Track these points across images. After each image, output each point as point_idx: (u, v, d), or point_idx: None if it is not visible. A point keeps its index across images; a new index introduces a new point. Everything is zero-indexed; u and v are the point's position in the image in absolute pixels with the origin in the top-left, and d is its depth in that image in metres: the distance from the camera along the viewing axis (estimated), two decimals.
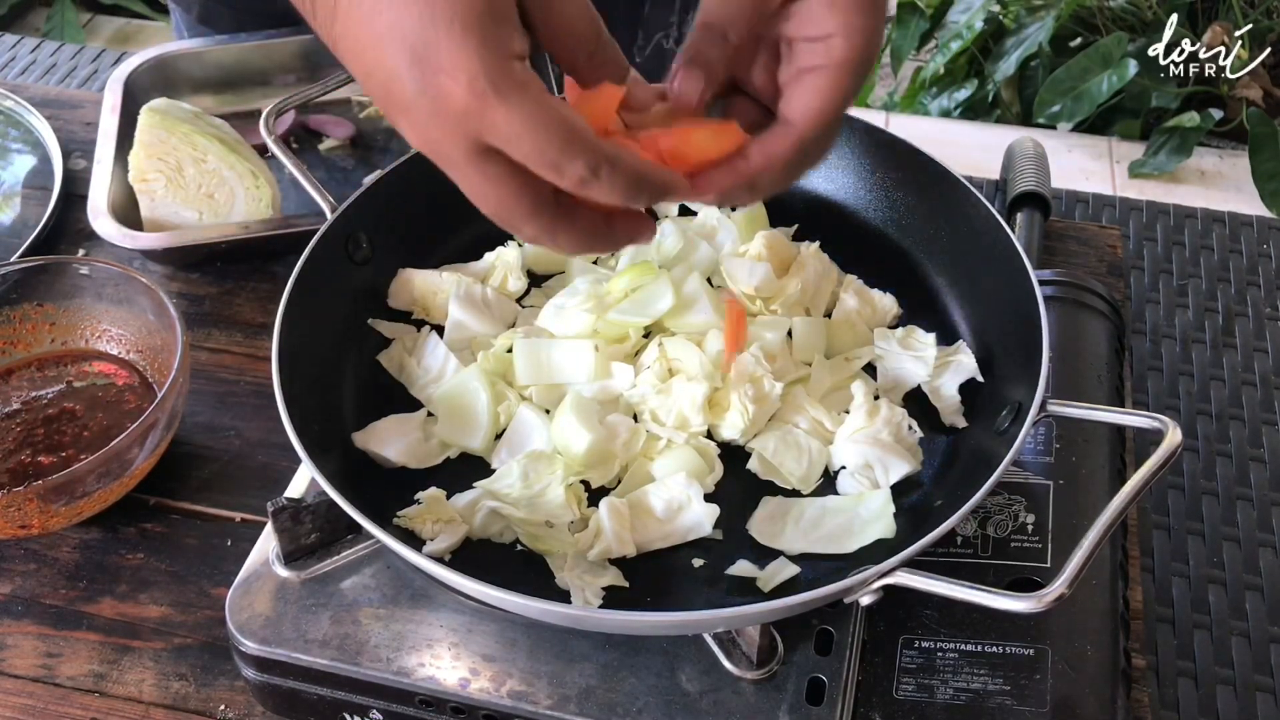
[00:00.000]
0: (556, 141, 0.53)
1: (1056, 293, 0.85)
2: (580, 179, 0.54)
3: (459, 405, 0.74)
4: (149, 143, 0.95)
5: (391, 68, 0.53)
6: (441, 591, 0.68)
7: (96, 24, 3.02)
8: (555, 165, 0.54)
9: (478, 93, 0.52)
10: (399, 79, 0.53)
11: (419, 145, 0.56)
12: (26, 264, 0.86)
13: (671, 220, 0.85)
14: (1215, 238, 1.11)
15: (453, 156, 0.55)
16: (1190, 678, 0.80)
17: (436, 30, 0.52)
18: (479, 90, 0.52)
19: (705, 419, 0.72)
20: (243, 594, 0.69)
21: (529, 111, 0.53)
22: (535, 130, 0.53)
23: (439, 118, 0.53)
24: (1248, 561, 0.87)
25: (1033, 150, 1.06)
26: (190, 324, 0.92)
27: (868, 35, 0.63)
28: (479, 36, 0.52)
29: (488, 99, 0.52)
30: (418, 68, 0.53)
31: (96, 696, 0.72)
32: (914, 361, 0.76)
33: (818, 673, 0.65)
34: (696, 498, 0.69)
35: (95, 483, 0.74)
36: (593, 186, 0.55)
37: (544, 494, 0.69)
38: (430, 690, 0.65)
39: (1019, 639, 0.67)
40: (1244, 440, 0.94)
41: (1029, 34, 2.53)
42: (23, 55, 1.40)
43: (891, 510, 0.68)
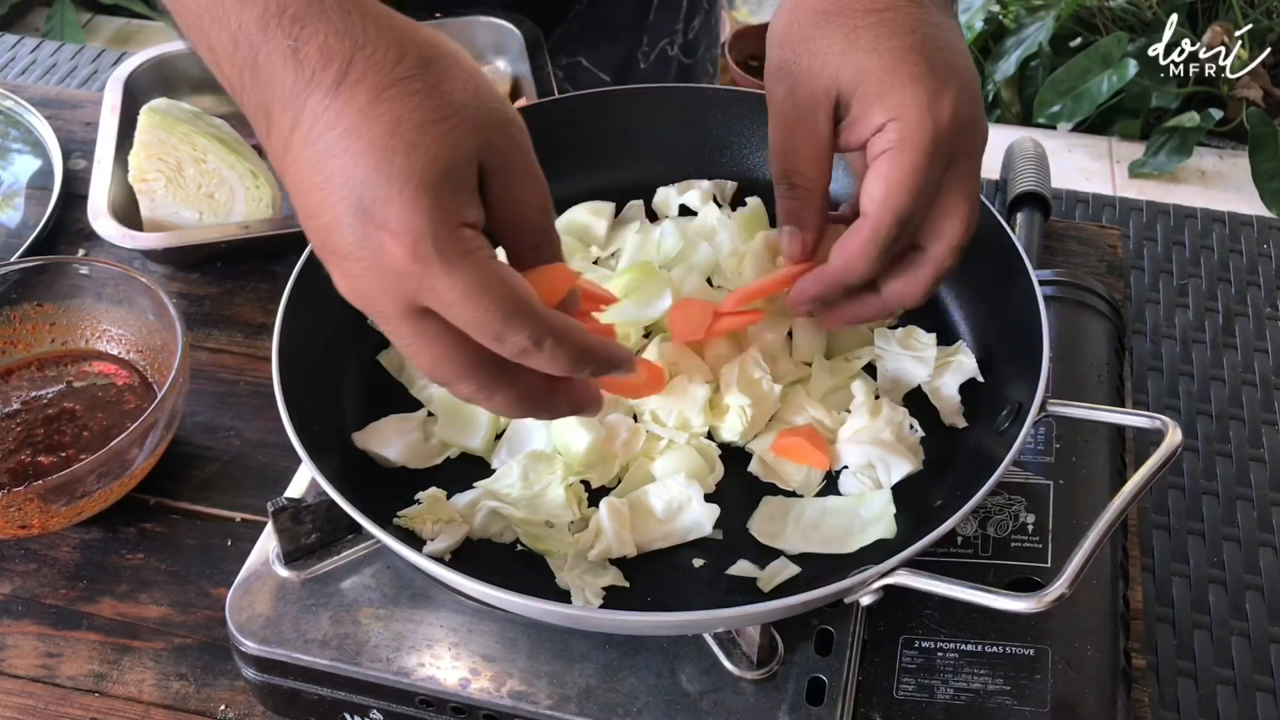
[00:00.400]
0: (500, 312, 0.51)
1: (1056, 293, 0.85)
2: (522, 349, 0.53)
3: (459, 405, 0.74)
4: (149, 143, 0.95)
5: (334, 214, 0.51)
6: (441, 591, 0.68)
7: (96, 24, 3.02)
8: (497, 335, 0.52)
9: (421, 256, 0.50)
10: (339, 227, 0.51)
11: (350, 295, 0.54)
12: (26, 264, 0.86)
13: (672, 220, 0.85)
14: (1215, 238, 1.11)
15: (386, 313, 0.53)
16: (1190, 678, 0.80)
17: (390, 187, 0.50)
18: (423, 254, 0.50)
19: (706, 420, 0.72)
20: (243, 594, 0.69)
21: (473, 280, 0.51)
22: (478, 299, 0.51)
23: (376, 274, 0.51)
24: (1248, 561, 0.87)
25: (1033, 150, 1.06)
26: (190, 324, 0.92)
27: (922, 108, 0.61)
28: (432, 200, 0.50)
29: (431, 264, 0.50)
30: (361, 220, 0.50)
31: (96, 696, 0.72)
32: (914, 361, 0.76)
33: (818, 673, 0.65)
34: (696, 498, 0.69)
35: (95, 483, 0.74)
36: (534, 358, 0.53)
37: (544, 494, 0.69)
38: (430, 690, 0.65)
39: (1019, 639, 0.67)
40: (1244, 440, 0.94)
41: (1029, 34, 2.53)
42: (23, 55, 1.40)
43: (892, 511, 0.68)
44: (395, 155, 0.50)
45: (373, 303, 0.53)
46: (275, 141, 0.53)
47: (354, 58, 0.51)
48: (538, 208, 0.56)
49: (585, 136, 0.88)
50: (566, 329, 0.54)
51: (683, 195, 0.87)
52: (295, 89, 0.51)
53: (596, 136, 0.88)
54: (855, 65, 0.63)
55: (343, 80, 0.51)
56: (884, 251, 0.64)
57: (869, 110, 0.63)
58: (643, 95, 0.89)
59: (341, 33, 0.51)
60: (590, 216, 0.85)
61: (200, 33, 0.54)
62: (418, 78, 0.51)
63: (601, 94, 0.91)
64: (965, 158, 0.64)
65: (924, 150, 0.62)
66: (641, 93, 0.89)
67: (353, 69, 0.51)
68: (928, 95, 0.61)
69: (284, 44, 0.51)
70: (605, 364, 0.57)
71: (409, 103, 0.51)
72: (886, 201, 0.63)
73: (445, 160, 0.51)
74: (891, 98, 0.62)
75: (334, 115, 0.50)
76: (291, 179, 0.53)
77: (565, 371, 0.55)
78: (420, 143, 0.50)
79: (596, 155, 0.88)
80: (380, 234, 0.50)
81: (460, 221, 0.51)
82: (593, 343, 0.56)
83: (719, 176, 0.88)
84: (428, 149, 0.50)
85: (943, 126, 0.62)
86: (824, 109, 0.65)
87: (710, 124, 0.88)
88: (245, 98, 0.54)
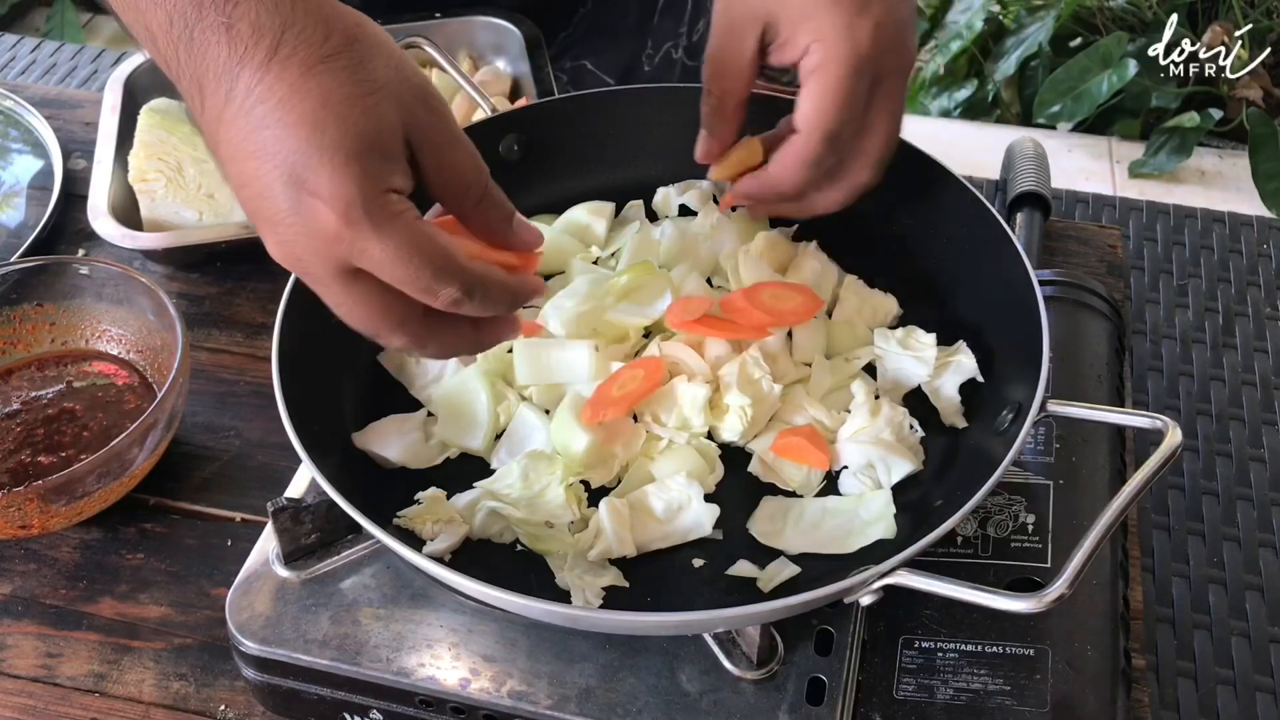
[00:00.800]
0: (429, 268, 0.55)
1: (1056, 293, 0.85)
2: (454, 300, 0.56)
3: (459, 405, 0.74)
4: (149, 143, 0.95)
5: (266, 183, 0.54)
6: (441, 591, 0.68)
7: (96, 24, 3.02)
8: (428, 290, 0.55)
9: (352, 221, 0.53)
10: (272, 195, 0.54)
11: (282, 259, 0.57)
12: (26, 264, 0.86)
13: (671, 221, 0.85)
14: (1215, 238, 1.11)
15: (318, 275, 0.56)
16: (1190, 678, 0.80)
17: (321, 156, 0.53)
18: (354, 219, 0.53)
19: (706, 420, 0.72)
20: (243, 594, 0.69)
21: (402, 240, 0.54)
22: (409, 258, 0.54)
23: (309, 239, 0.54)
24: (1248, 561, 0.87)
25: (1033, 150, 1.06)
26: (190, 324, 0.92)
27: (841, 29, 0.67)
28: (360, 167, 0.53)
29: (361, 227, 0.53)
30: (293, 188, 0.53)
31: (96, 696, 0.72)
32: (914, 361, 0.76)
33: (818, 673, 0.65)
34: (696, 498, 0.69)
35: (95, 483, 0.74)
36: (465, 306, 0.57)
37: (544, 494, 0.69)
38: (430, 690, 0.65)
39: (1019, 639, 0.67)
40: (1244, 440, 0.94)
41: (1029, 34, 2.53)
42: (23, 55, 1.40)
43: (892, 511, 0.68)
44: (326, 127, 0.53)
45: (305, 265, 0.56)
46: (209, 114, 0.56)
47: (284, 34, 0.53)
48: (470, 167, 0.60)
49: (585, 136, 0.88)
50: (489, 275, 0.58)
51: (683, 195, 0.87)
52: (229, 63, 0.54)
53: (596, 136, 0.88)
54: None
55: (274, 55, 0.53)
56: (814, 166, 0.71)
57: (795, 33, 0.69)
58: (642, 95, 0.89)
59: (272, 10, 0.54)
60: (590, 216, 0.85)
61: (136, 13, 0.57)
62: (344, 54, 0.54)
63: (601, 94, 0.91)
64: (890, 76, 0.70)
65: (845, 69, 0.68)
66: (641, 93, 0.89)
67: (283, 45, 0.53)
68: (846, 17, 0.67)
69: (217, 20, 0.53)
70: (528, 295, 0.61)
71: (337, 78, 0.54)
72: (815, 119, 0.69)
73: (372, 132, 0.54)
74: (813, 21, 0.68)
75: (265, 89, 0.53)
76: (225, 149, 0.55)
77: (495, 313, 0.59)
78: (349, 115, 0.53)
79: (596, 155, 0.88)
80: (313, 200, 0.53)
81: (387, 187, 0.54)
82: (515, 283, 0.60)
83: None
84: (355, 121, 0.53)
85: (863, 46, 0.67)
86: (752, 30, 0.71)
87: None
88: (180, 73, 0.56)
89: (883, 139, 0.72)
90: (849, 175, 0.74)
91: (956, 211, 0.79)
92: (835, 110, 0.69)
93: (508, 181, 0.61)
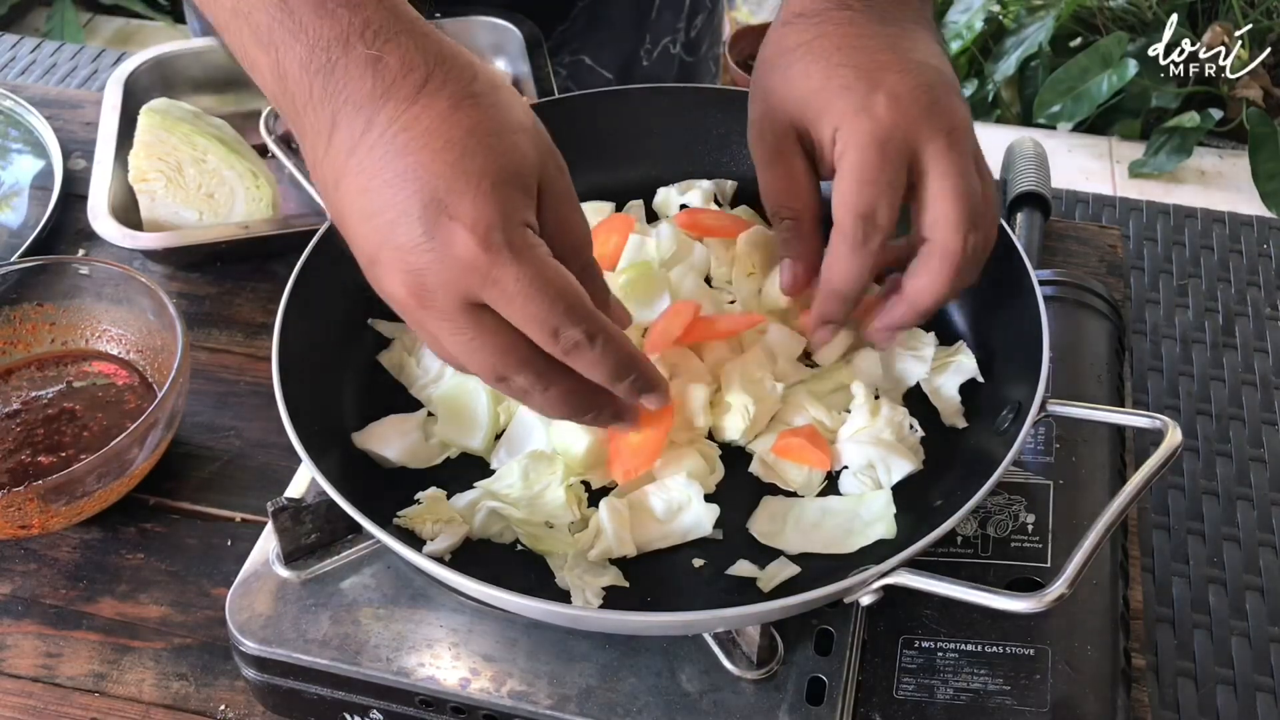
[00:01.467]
0: (561, 304, 0.54)
1: (1056, 293, 0.85)
2: (575, 344, 0.55)
3: (459, 405, 0.74)
4: (149, 143, 0.95)
5: (403, 208, 0.53)
6: (441, 591, 0.68)
7: (96, 24, 3.02)
8: (555, 329, 0.55)
9: (492, 246, 0.53)
10: (408, 220, 0.53)
11: (404, 292, 0.55)
12: (26, 264, 0.86)
13: (668, 222, 0.85)
14: (1215, 238, 1.11)
15: (444, 307, 0.55)
16: (1190, 678, 0.80)
17: (467, 180, 0.53)
18: (494, 244, 0.53)
19: (706, 420, 0.72)
20: (243, 594, 0.69)
21: (538, 273, 0.54)
22: (542, 290, 0.54)
23: (442, 265, 0.54)
24: (1248, 561, 0.87)
25: (1033, 150, 1.06)
26: (190, 324, 0.92)
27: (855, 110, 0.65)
28: (503, 195, 0.53)
29: (500, 254, 0.53)
30: (433, 211, 0.53)
31: (96, 696, 0.72)
32: (913, 361, 0.76)
33: (818, 673, 0.65)
34: (697, 498, 0.69)
35: (95, 483, 0.74)
36: (584, 354, 0.56)
37: (544, 494, 0.69)
38: (430, 690, 0.65)
39: (1019, 639, 0.67)
40: (1244, 440, 0.94)
41: (1029, 34, 2.53)
42: (23, 55, 1.40)
43: (893, 511, 0.68)
44: (475, 155, 0.53)
45: (431, 296, 0.55)
46: (338, 146, 0.55)
47: (434, 71, 0.54)
48: (584, 231, 0.60)
49: (585, 136, 0.88)
50: (617, 334, 0.57)
51: (683, 195, 0.87)
52: (373, 94, 0.54)
53: (596, 136, 0.88)
54: (797, 99, 0.68)
55: (422, 88, 0.54)
56: (856, 249, 0.66)
57: (820, 131, 0.67)
58: (642, 95, 0.89)
59: (422, 48, 0.55)
60: (590, 216, 0.85)
61: (266, 49, 0.56)
62: (490, 95, 0.55)
63: (601, 94, 0.91)
64: (932, 140, 0.65)
65: (865, 146, 0.65)
66: (641, 93, 0.89)
67: (433, 80, 0.54)
68: (858, 97, 0.65)
69: (365, 54, 0.54)
70: (645, 380, 0.60)
71: (485, 114, 0.54)
72: (843, 201, 0.66)
73: (515, 165, 0.55)
74: (830, 113, 0.66)
75: (412, 117, 0.53)
76: (354, 179, 0.55)
77: (608, 375, 0.58)
78: (496, 147, 0.54)
79: (596, 155, 0.88)
80: (452, 225, 0.53)
81: (524, 220, 0.55)
82: (637, 353, 0.59)
83: (719, 176, 0.88)
84: (503, 153, 0.54)
85: (882, 121, 0.64)
86: (790, 145, 0.69)
87: (710, 124, 0.88)
88: (310, 110, 0.56)
89: (949, 200, 0.65)
90: (937, 249, 0.66)
91: None
92: (859, 186, 0.65)
93: None
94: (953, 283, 0.67)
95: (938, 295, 0.67)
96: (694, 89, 0.93)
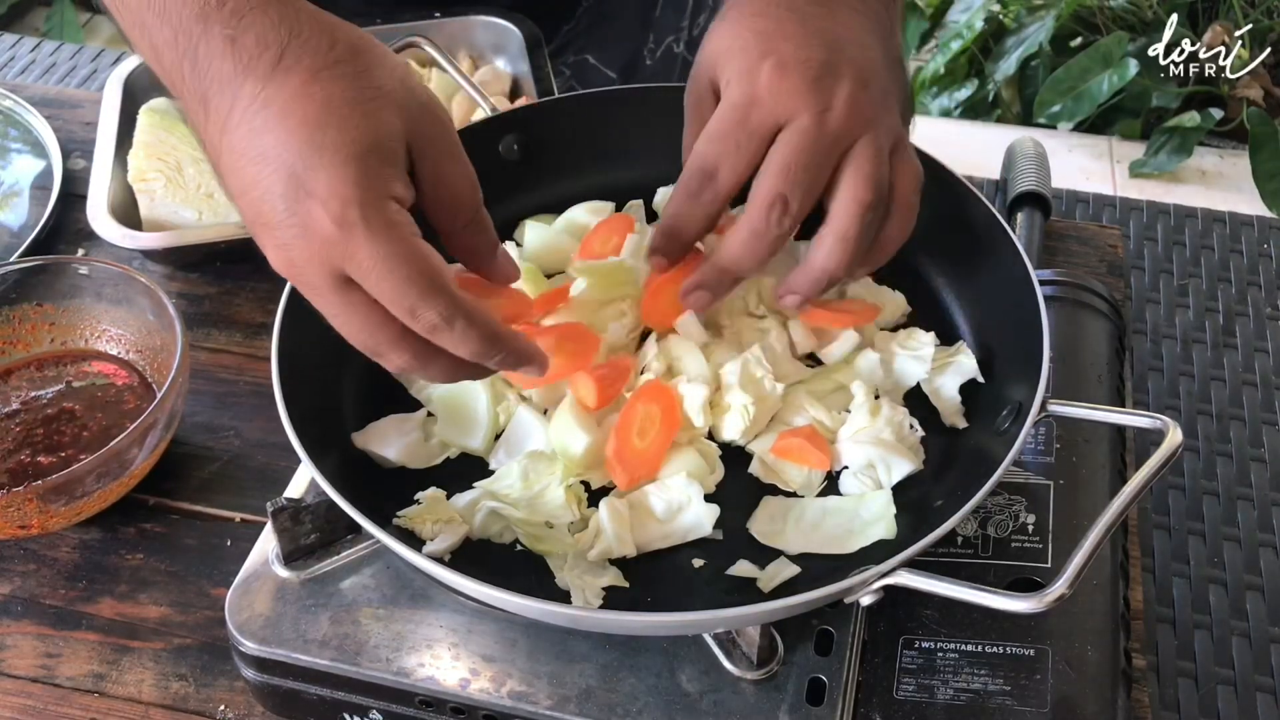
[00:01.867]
0: (415, 286, 0.53)
1: (1057, 293, 0.85)
2: (433, 325, 0.55)
3: (459, 405, 0.74)
4: (149, 142, 0.95)
5: (266, 185, 0.53)
6: (441, 591, 0.68)
7: (96, 24, 3.02)
8: (411, 309, 0.54)
9: (347, 222, 0.52)
10: (271, 198, 0.53)
11: (280, 266, 0.56)
12: (26, 264, 0.86)
13: None
14: (1216, 237, 1.11)
15: (315, 282, 0.55)
16: (1190, 678, 0.80)
17: (321, 156, 0.52)
18: (349, 220, 0.52)
19: (706, 420, 0.72)
20: (242, 594, 0.69)
21: (393, 251, 0.53)
22: (396, 269, 0.53)
23: (304, 241, 0.53)
24: (1248, 561, 0.87)
25: (1033, 150, 1.06)
26: (190, 324, 0.92)
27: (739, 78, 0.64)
28: (359, 169, 0.53)
29: (354, 230, 0.52)
30: (292, 188, 0.53)
31: (96, 697, 0.72)
32: (913, 361, 0.76)
33: (818, 673, 0.65)
34: (696, 498, 0.68)
35: (95, 483, 0.74)
36: (444, 335, 0.55)
37: (544, 494, 0.69)
38: (430, 690, 0.65)
39: (1019, 639, 0.67)
40: (1244, 440, 0.94)
41: (1029, 34, 2.53)
42: (22, 55, 1.40)
43: (893, 511, 0.68)
44: (327, 129, 0.53)
45: (301, 272, 0.55)
46: (212, 128, 0.56)
47: (289, 45, 0.54)
48: (467, 185, 0.59)
49: (585, 136, 0.88)
50: (477, 312, 0.56)
51: None
52: (233, 75, 0.54)
53: (597, 136, 0.88)
54: (710, 57, 0.68)
55: (278, 64, 0.54)
56: (689, 196, 0.67)
57: (720, 88, 0.67)
58: (643, 95, 0.89)
59: (276, 24, 0.54)
60: (590, 216, 0.85)
61: (141, 31, 0.57)
62: (348, 63, 0.55)
63: (601, 94, 0.91)
64: (804, 114, 0.63)
65: (733, 105, 0.65)
66: (641, 93, 0.89)
67: (287, 55, 0.54)
68: (750, 59, 0.64)
69: (222, 34, 0.54)
70: (515, 355, 0.59)
71: (340, 85, 0.54)
72: (691, 150, 0.67)
73: (374, 135, 0.54)
74: (726, 70, 0.66)
75: (269, 95, 0.53)
76: (227, 159, 0.55)
77: (474, 356, 0.57)
78: (350, 118, 0.53)
79: (596, 155, 0.88)
80: (310, 200, 0.52)
81: (388, 194, 0.54)
82: (503, 331, 0.58)
83: None
84: (357, 124, 0.53)
85: (757, 84, 0.64)
86: (706, 100, 0.69)
87: None
88: (184, 89, 0.57)
89: (775, 177, 0.64)
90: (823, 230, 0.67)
91: (956, 211, 0.79)
92: (708, 139, 0.66)
93: (508, 181, 0.61)
94: (833, 258, 0.66)
95: (822, 269, 0.67)
96: None
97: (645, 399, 0.71)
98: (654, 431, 0.70)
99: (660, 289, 0.75)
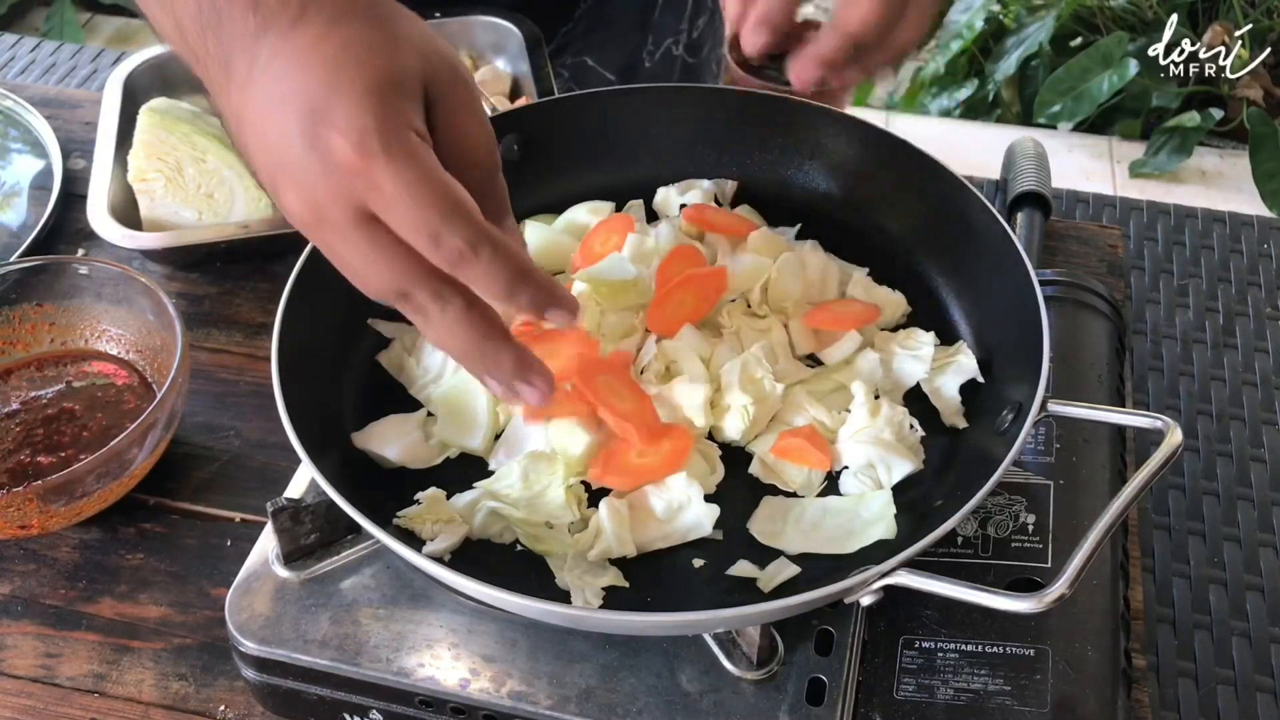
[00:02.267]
0: (438, 210, 0.52)
1: (1057, 293, 0.85)
2: (459, 253, 0.52)
3: (459, 405, 0.74)
4: (149, 142, 0.95)
5: (285, 127, 0.53)
6: (441, 591, 0.68)
7: (96, 24, 3.02)
8: (434, 235, 0.52)
9: (367, 151, 0.51)
10: (290, 138, 0.53)
11: (301, 211, 0.54)
12: (26, 264, 0.86)
13: (668, 221, 0.85)
14: (1216, 237, 1.11)
15: (336, 220, 0.53)
16: (1190, 678, 0.80)
17: (338, 91, 0.52)
18: (369, 148, 0.51)
19: (706, 420, 0.72)
20: (242, 594, 0.69)
21: (415, 176, 0.52)
22: (419, 195, 0.51)
23: (325, 176, 0.52)
24: (1248, 561, 0.87)
25: (1033, 150, 1.06)
26: (190, 324, 0.92)
27: None
28: (378, 98, 0.52)
29: (376, 158, 0.51)
30: (310, 123, 0.52)
31: (96, 697, 0.72)
32: (913, 361, 0.76)
33: (818, 673, 0.65)
34: (697, 498, 0.68)
35: (95, 483, 0.74)
36: (469, 266, 0.53)
37: (544, 494, 0.69)
38: (430, 690, 0.65)
39: (1019, 639, 0.67)
40: (1245, 440, 0.94)
41: (1029, 34, 2.53)
42: (22, 55, 1.40)
43: (893, 511, 0.68)
44: (345, 66, 0.52)
45: (324, 211, 0.54)
46: (235, 90, 0.55)
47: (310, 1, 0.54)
48: (485, 142, 0.57)
49: (585, 136, 0.88)
50: (505, 243, 0.54)
51: (683, 195, 0.86)
52: (256, 32, 0.54)
53: (596, 136, 0.88)
54: None
55: (300, 18, 0.54)
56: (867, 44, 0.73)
57: None
58: (643, 95, 0.89)
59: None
60: (590, 216, 0.85)
61: (165, 10, 0.57)
62: (368, 11, 0.55)
63: (601, 94, 0.91)
64: None
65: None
66: (641, 92, 0.89)
67: (308, 8, 0.54)
68: None
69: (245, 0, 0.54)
70: (544, 293, 0.56)
71: (359, 29, 0.54)
72: None
73: (392, 71, 0.53)
74: None
75: (290, 45, 0.53)
76: (249, 115, 0.55)
77: (501, 288, 0.54)
78: (368, 57, 0.53)
79: (596, 155, 0.88)
80: (329, 132, 0.52)
81: (406, 123, 0.53)
82: (533, 266, 0.55)
83: (719, 176, 0.88)
84: (375, 62, 0.53)
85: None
86: None
87: (710, 124, 0.88)
88: (209, 60, 0.56)
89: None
90: None
91: (957, 211, 0.79)
92: None
93: (508, 181, 0.61)
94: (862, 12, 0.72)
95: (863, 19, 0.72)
96: (694, 88, 0.93)
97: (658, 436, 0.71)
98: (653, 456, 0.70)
99: (666, 297, 0.75)
